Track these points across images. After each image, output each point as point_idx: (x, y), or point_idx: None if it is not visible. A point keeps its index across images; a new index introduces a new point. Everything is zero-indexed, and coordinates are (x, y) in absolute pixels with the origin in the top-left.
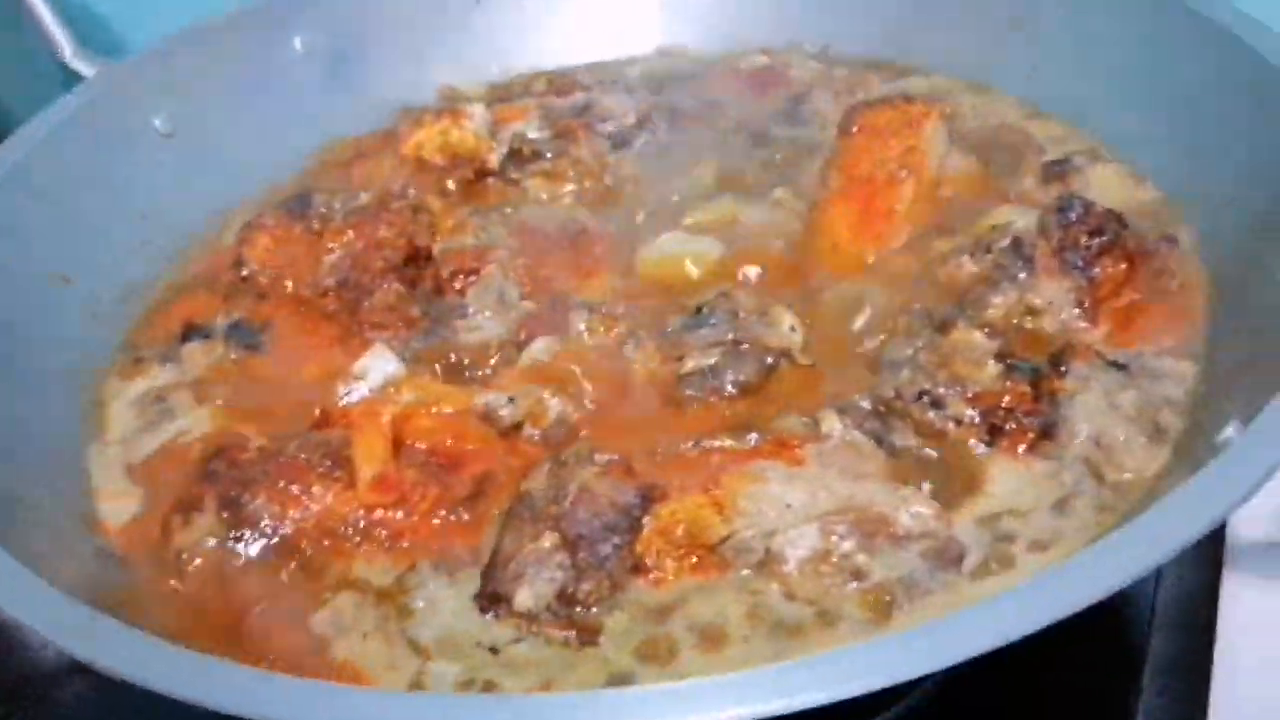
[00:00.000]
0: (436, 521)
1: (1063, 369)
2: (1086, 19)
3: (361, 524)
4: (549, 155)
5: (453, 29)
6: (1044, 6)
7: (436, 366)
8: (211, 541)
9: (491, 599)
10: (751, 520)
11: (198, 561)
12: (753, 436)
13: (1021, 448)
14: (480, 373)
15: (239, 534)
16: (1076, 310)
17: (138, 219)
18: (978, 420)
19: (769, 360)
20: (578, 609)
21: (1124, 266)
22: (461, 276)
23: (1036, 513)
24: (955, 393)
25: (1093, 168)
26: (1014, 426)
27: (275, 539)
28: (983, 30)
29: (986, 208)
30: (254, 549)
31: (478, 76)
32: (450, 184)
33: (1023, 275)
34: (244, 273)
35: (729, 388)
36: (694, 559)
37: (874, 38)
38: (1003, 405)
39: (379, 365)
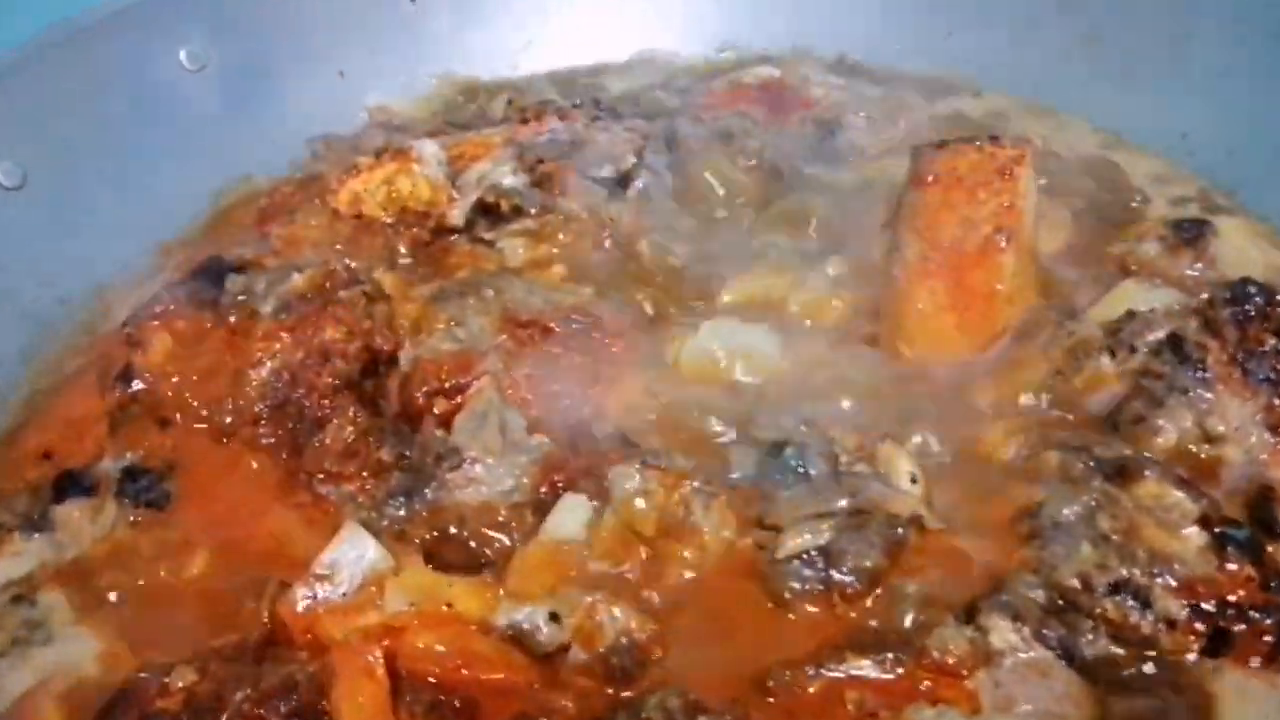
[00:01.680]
0: None
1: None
2: (1184, 35)
3: None
4: (533, 211)
5: (382, 31)
6: (1129, 18)
7: (419, 539)
8: None
9: None
10: None
11: None
12: (892, 659)
13: (1256, 661)
14: (484, 551)
15: None
16: (1269, 436)
17: None
18: (1189, 618)
19: (898, 532)
20: None
21: None
22: (442, 398)
23: None
24: (1162, 582)
25: (1217, 220)
26: (1243, 628)
27: None
28: (1046, 44)
29: (1099, 276)
30: None
31: (415, 92)
32: (401, 247)
33: (1197, 389)
34: (134, 388)
35: (849, 579)
36: None
37: (905, 45)
38: (1225, 599)
39: (354, 555)
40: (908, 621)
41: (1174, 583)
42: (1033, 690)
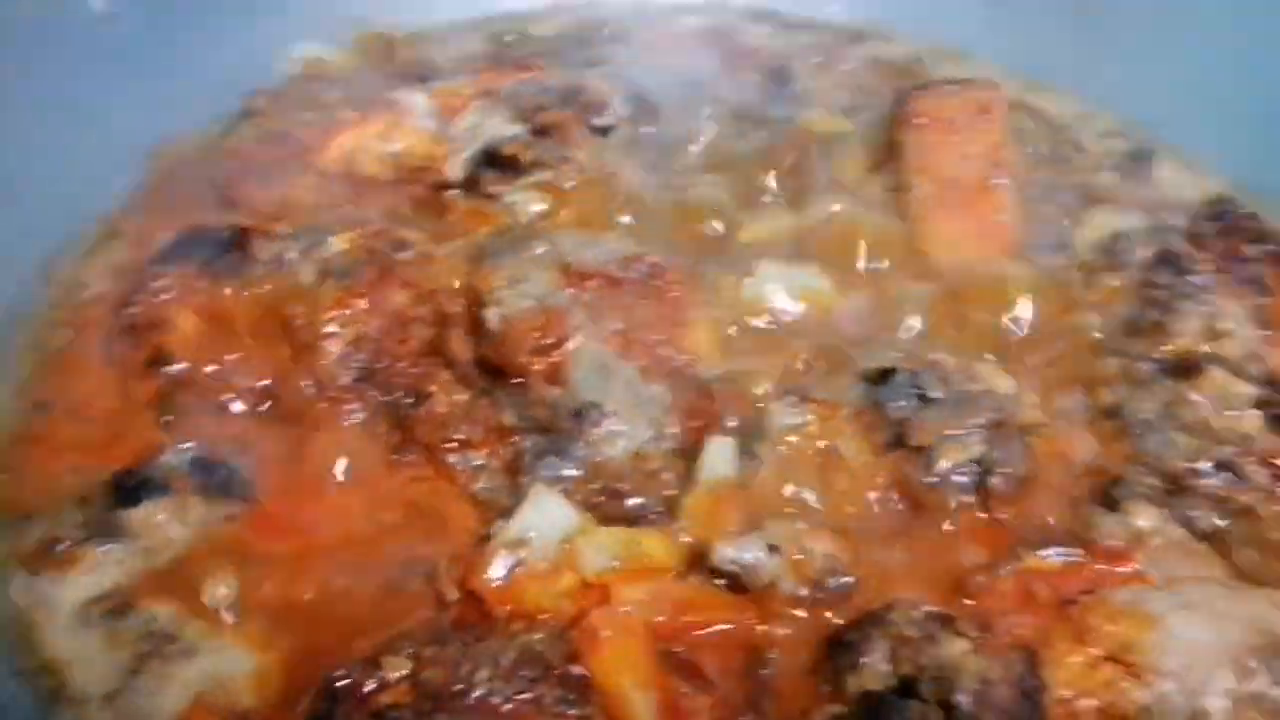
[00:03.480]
0: None
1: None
2: None
3: None
4: (551, 162)
5: None
6: None
7: (581, 497)
8: None
9: None
10: (1171, 675)
11: None
12: (1067, 550)
13: None
14: (646, 503)
15: None
16: (1260, 330)
17: None
18: (1273, 483)
19: (1031, 439)
20: None
21: None
22: (539, 357)
23: None
24: (1251, 457)
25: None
26: None
27: None
28: None
29: (1066, 205)
30: None
31: (336, 42)
32: (404, 208)
33: (1201, 295)
34: (173, 371)
35: (1005, 485)
36: None
37: None
38: None
39: (547, 518)
40: (1054, 519)
41: (1253, 458)
42: (1183, 563)
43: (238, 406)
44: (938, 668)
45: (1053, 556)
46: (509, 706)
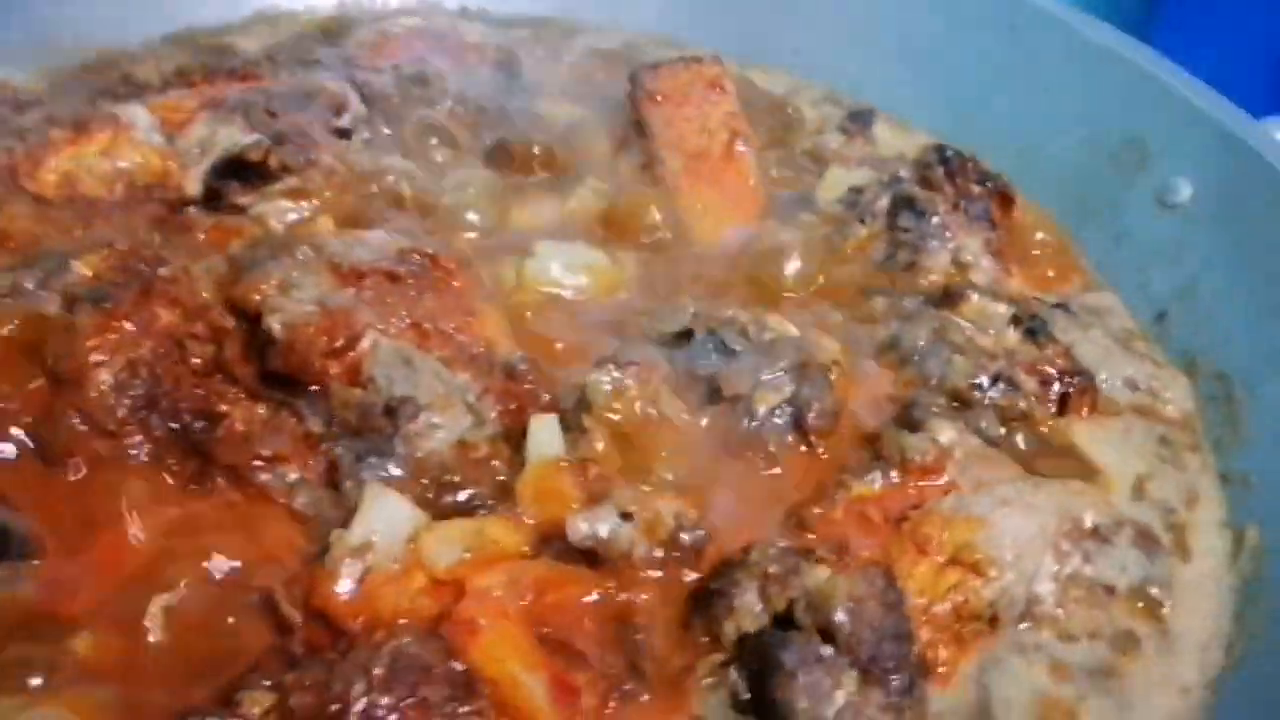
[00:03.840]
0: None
1: (1040, 321)
2: None
3: None
4: (299, 164)
5: None
6: None
7: (412, 495)
8: None
9: None
10: (1008, 566)
11: None
12: (883, 472)
13: (1085, 410)
14: (478, 493)
15: None
16: (994, 261)
17: None
18: (1043, 389)
19: (832, 376)
20: None
21: (1005, 212)
22: (333, 360)
23: (1158, 474)
24: (1019, 368)
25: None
26: (1072, 390)
27: None
28: None
29: (800, 168)
30: None
31: (24, 64)
32: (140, 229)
33: (943, 233)
34: None
35: (820, 420)
36: (965, 633)
37: None
38: (1054, 371)
39: (387, 519)
40: (865, 449)
41: (1020, 368)
42: (985, 469)
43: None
44: (808, 596)
45: (875, 481)
46: (394, 717)
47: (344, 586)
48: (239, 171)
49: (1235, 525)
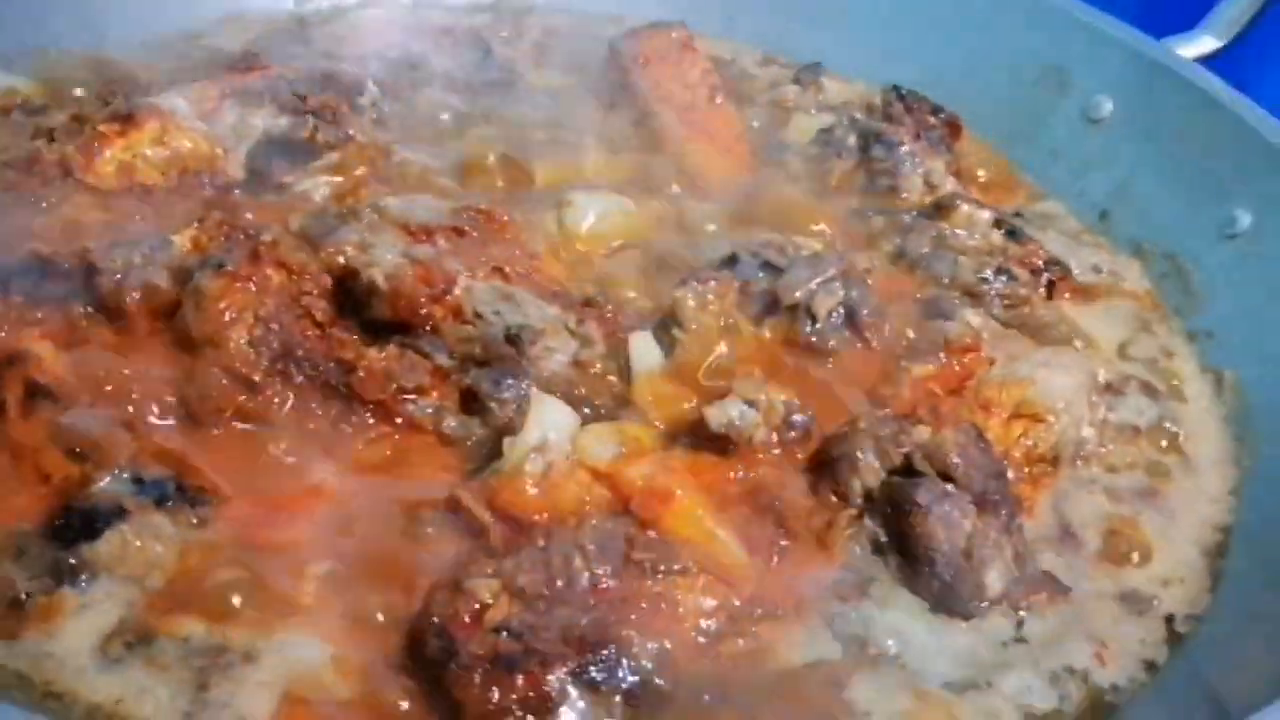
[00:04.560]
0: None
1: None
2: None
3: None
4: (340, 140)
5: None
6: None
7: None
8: None
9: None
10: (1062, 413)
11: None
12: (933, 356)
13: (1066, 295)
14: (602, 403)
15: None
16: (955, 182)
17: None
18: (1033, 278)
19: (869, 280)
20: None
21: (955, 138)
22: (435, 305)
23: (1136, 340)
24: (1012, 261)
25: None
26: (1055, 278)
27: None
28: None
29: (768, 118)
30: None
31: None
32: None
33: (912, 159)
34: (56, 405)
35: (871, 317)
36: (1035, 473)
37: None
38: (1039, 262)
39: (555, 420)
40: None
41: (1013, 261)
42: (1009, 345)
43: (152, 419)
44: (922, 448)
45: (930, 363)
46: (616, 583)
47: (532, 481)
48: (284, 150)
49: (1214, 369)
